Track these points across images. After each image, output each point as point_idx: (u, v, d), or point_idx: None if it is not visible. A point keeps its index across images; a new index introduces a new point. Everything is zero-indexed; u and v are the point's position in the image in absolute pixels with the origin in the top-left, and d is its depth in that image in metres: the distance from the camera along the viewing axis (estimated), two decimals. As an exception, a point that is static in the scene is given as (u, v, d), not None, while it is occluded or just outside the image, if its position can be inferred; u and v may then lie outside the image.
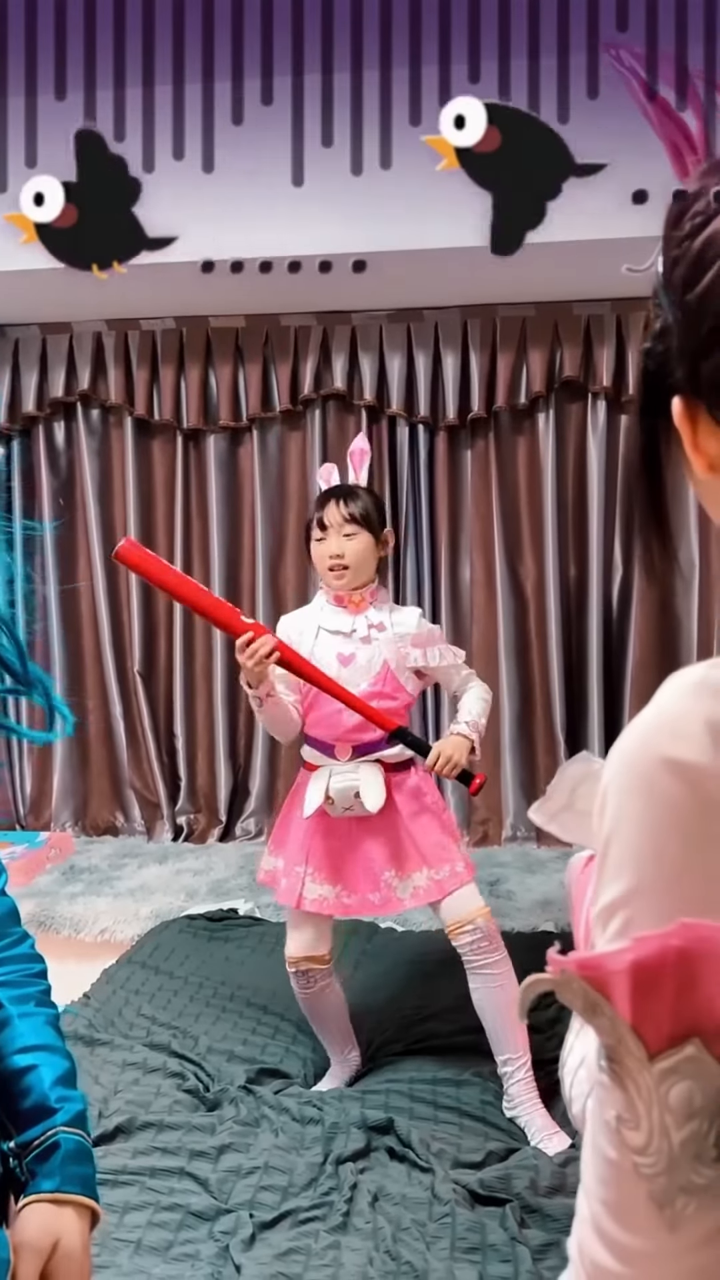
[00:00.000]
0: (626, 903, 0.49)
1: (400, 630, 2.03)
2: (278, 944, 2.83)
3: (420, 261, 3.17)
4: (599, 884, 0.51)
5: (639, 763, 0.50)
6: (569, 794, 0.67)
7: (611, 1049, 0.48)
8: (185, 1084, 2.11)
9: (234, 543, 4.04)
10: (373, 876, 2.01)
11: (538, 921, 2.95)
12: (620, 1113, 0.48)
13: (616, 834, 0.50)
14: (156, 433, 4.02)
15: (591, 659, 3.84)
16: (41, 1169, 0.86)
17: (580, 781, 0.68)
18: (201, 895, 3.30)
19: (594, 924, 0.52)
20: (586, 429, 3.82)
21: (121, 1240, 1.60)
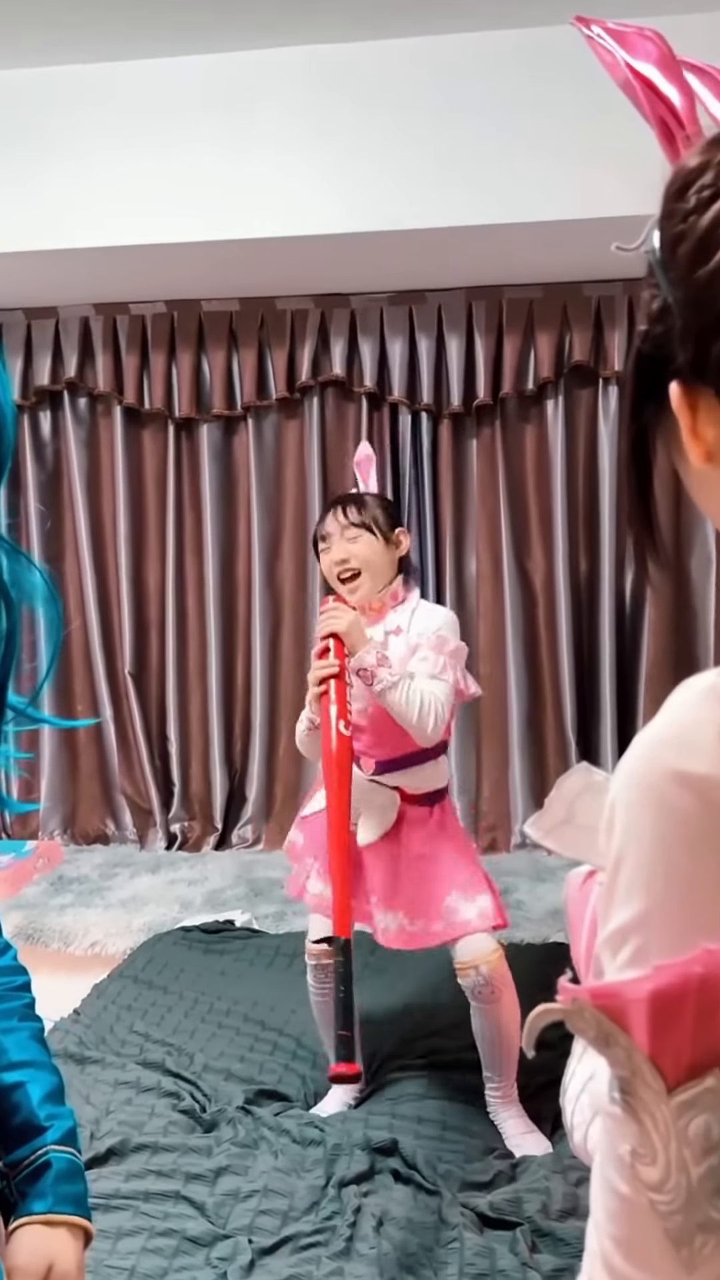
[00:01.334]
0: (640, 927, 0.49)
1: (418, 632, 1.96)
2: (276, 956, 2.85)
3: (423, 241, 3.17)
4: (608, 906, 0.51)
5: (648, 776, 0.49)
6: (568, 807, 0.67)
7: (626, 1081, 0.48)
8: (180, 1104, 2.11)
9: (229, 537, 4.04)
10: (364, 891, 2.01)
11: (549, 932, 2.95)
12: (635, 1147, 0.48)
13: (627, 853, 0.49)
14: (147, 422, 4.02)
15: (604, 656, 3.84)
16: (32, 1189, 0.87)
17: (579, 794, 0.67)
18: (196, 906, 3.29)
19: (601, 949, 0.51)
20: (597, 416, 3.82)
21: (115, 1268, 1.60)
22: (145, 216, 3.13)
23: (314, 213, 3.09)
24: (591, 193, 2.90)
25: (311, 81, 3.07)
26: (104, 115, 3.12)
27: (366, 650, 1.85)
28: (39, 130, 3.14)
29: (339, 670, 1.86)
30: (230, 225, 3.13)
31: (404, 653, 1.94)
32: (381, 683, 1.84)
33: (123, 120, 3.12)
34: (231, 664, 4.07)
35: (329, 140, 3.07)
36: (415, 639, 1.95)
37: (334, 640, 1.87)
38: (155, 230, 3.15)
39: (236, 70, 3.09)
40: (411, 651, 1.94)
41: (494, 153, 2.99)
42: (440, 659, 1.92)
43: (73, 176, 3.13)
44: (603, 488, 3.83)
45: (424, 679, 1.89)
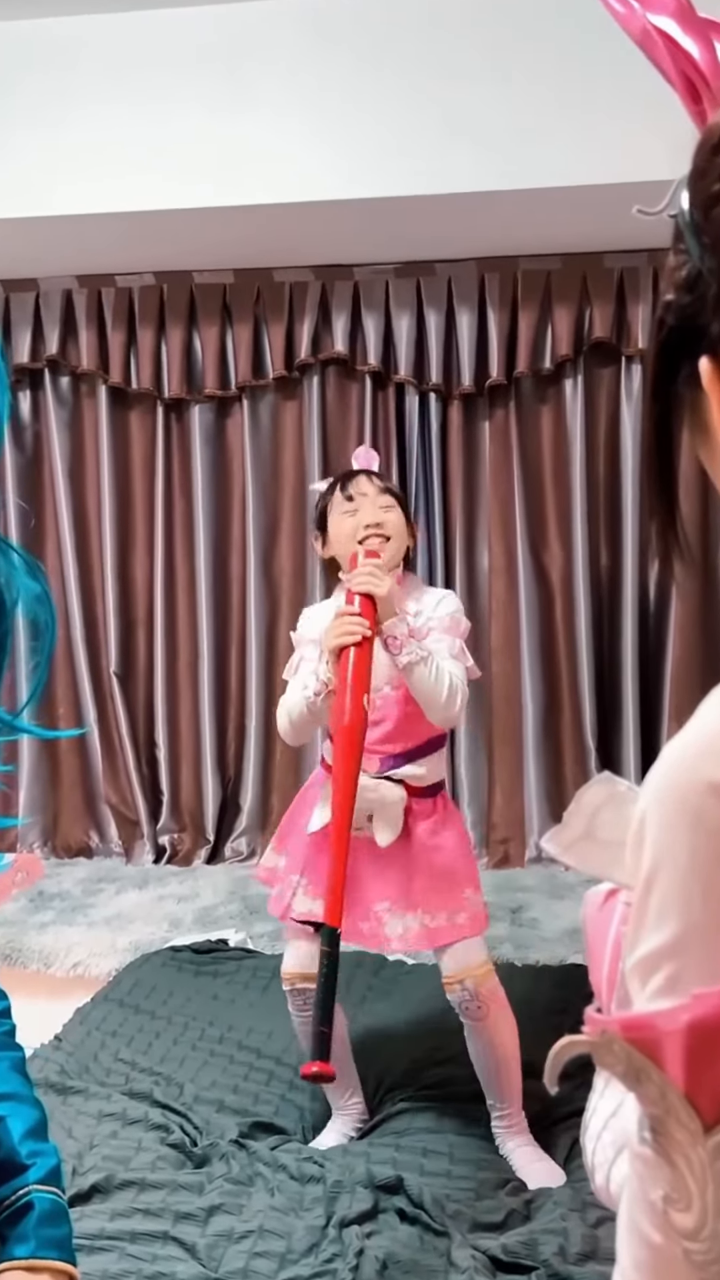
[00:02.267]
0: (674, 952, 0.48)
1: (427, 616, 1.97)
2: (273, 979, 2.83)
3: (431, 207, 3.16)
4: (638, 929, 0.50)
5: (681, 789, 0.49)
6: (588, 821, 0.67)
7: (658, 1120, 0.47)
8: (169, 1137, 2.11)
9: (222, 527, 4.04)
10: (366, 903, 2.01)
11: (565, 953, 2.95)
12: (668, 1192, 0.47)
13: (660, 872, 0.49)
14: (134, 403, 4.01)
15: (626, 657, 3.83)
16: (14, 1232, 0.87)
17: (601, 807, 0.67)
18: (187, 924, 3.28)
19: (629, 975, 0.51)
20: (620, 397, 3.82)
21: (99, 1313, 1.60)
22: (132, 181, 3.13)
23: (314, 177, 3.08)
24: (615, 154, 2.89)
25: (311, 35, 3.07)
26: (86, 72, 3.12)
27: (399, 619, 1.86)
28: (15, 88, 3.14)
29: (369, 637, 1.83)
30: (224, 191, 3.13)
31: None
32: (410, 654, 1.84)
33: (106, 77, 3.12)
34: (225, 664, 4.07)
35: (330, 99, 3.07)
36: (425, 622, 1.96)
37: (367, 601, 1.84)
38: (143, 196, 3.15)
39: (230, 23, 3.08)
40: (415, 635, 1.94)
41: (508, 112, 2.99)
42: (457, 642, 1.95)
43: (54, 138, 3.13)
44: (625, 475, 3.83)
45: (444, 659, 1.91)
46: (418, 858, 1.99)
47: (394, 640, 1.85)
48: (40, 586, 0.71)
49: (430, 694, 1.88)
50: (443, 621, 1.96)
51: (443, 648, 1.93)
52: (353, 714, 1.82)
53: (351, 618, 1.83)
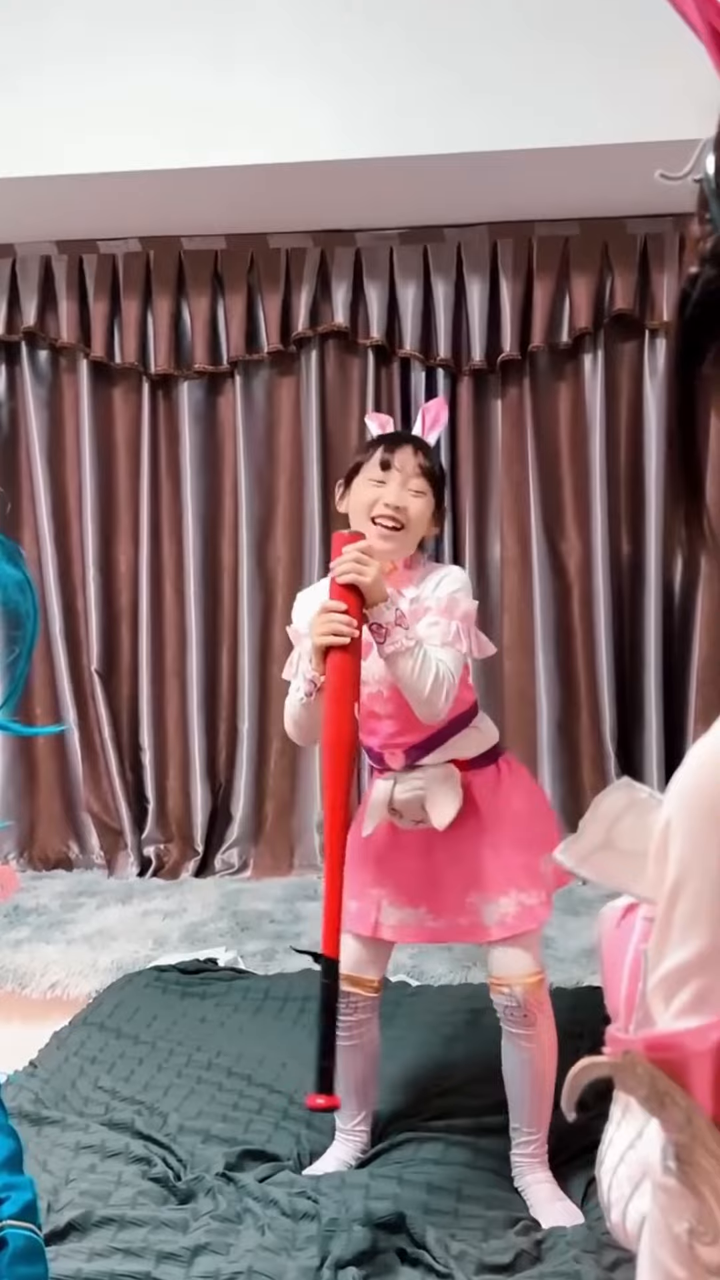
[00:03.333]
0: (701, 967, 0.48)
1: (424, 595, 1.95)
2: (265, 1001, 2.86)
3: (439, 168, 3.16)
4: (662, 944, 0.50)
5: (709, 795, 0.49)
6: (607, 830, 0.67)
7: (683, 1147, 0.47)
8: (152, 1171, 2.11)
9: (212, 513, 4.03)
10: (457, 897, 2.01)
11: (582, 974, 2.95)
12: (693, 1224, 0.47)
13: (686, 882, 0.49)
14: (118, 379, 4.01)
15: (649, 655, 3.83)
16: (-13, 1270, 0.87)
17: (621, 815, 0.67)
18: (173, 942, 3.29)
19: (652, 994, 0.51)
20: (643, 374, 3.81)
21: None
22: (116, 140, 3.12)
23: (313, 135, 3.08)
24: (639, 111, 2.89)
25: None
26: (64, 19, 3.12)
27: (386, 606, 1.84)
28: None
29: (357, 637, 1.81)
30: (215, 150, 3.12)
31: (409, 619, 1.95)
32: (395, 644, 1.82)
33: (87, 26, 3.11)
34: (215, 661, 4.07)
35: (331, 50, 3.06)
36: (423, 599, 1.96)
37: (348, 594, 1.82)
38: (128, 156, 3.15)
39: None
40: (414, 616, 1.94)
41: (523, 66, 2.98)
42: (452, 625, 1.92)
43: (30, 94, 3.12)
44: (649, 458, 3.82)
45: (435, 647, 1.89)
46: (494, 833, 1.99)
47: (379, 629, 1.84)
48: (21, 573, 0.71)
49: (413, 687, 1.85)
50: (440, 603, 1.94)
51: (435, 633, 1.91)
52: (338, 727, 1.80)
53: (336, 615, 1.81)
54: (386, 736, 1.99)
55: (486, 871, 1.99)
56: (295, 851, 3.98)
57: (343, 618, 1.80)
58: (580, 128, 2.98)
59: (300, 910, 3.52)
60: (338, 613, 1.80)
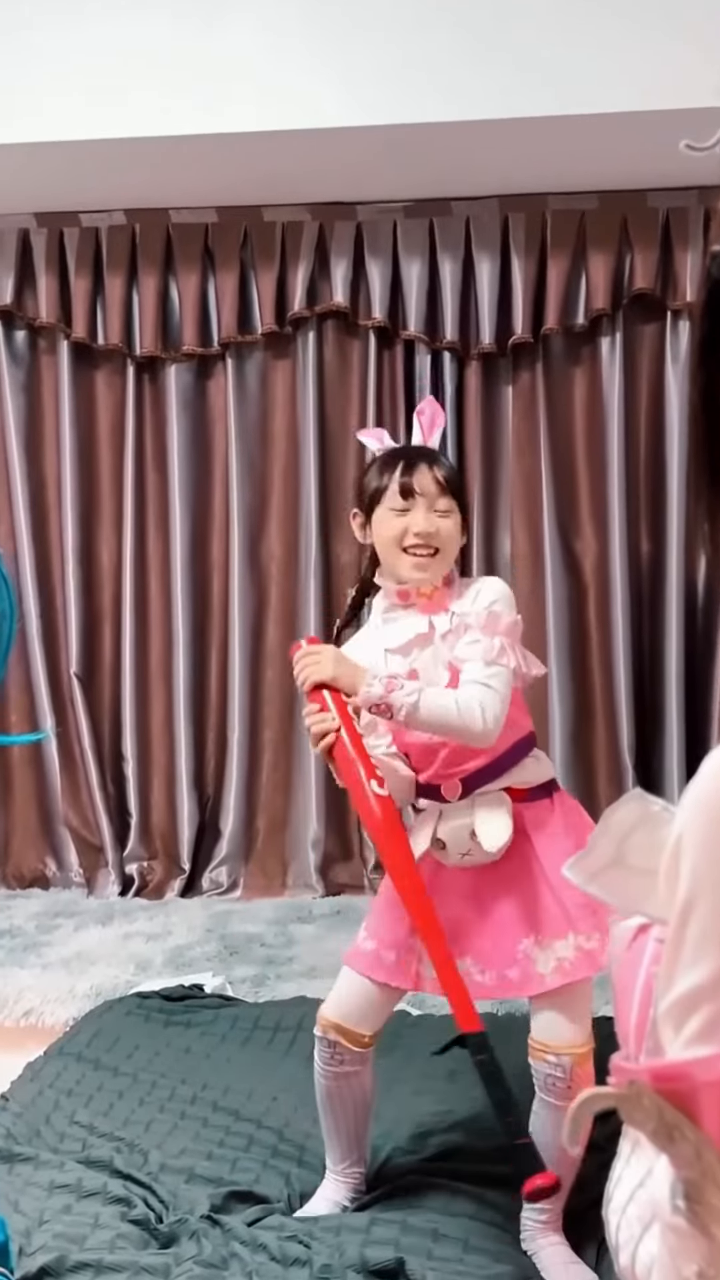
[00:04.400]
0: (714, 991, 0.48)
1: (462, 611, 1.97)
2: (255, 1030, 2.85)
3: (447, 136, 3.16)
4: (673, 967, 0.50)
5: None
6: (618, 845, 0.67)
7: (693, 1185, 0.47)
8: (131, 1212, 2.07)
9: (202, 505, 4.03)
10: (507, 946, 1.99)
11: (595, 1005, 2.94)
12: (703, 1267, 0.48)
13: (698, 900, 0.50)
14: (100, 361, 4.02)
15: (669, 659, 3.84)
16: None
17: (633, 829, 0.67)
18: (156, 967, 3.29)
19: (662, 1020, 0.51)
20: (664, 358, 3.82)
21: None
22: (100, 104, 3.12)
23: (312, 100, 3.08)
24: (661, 77, 2.89)
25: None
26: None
27: (368, 683, 1.87)
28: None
29: (343, 723, 1.87)
30: (206, 115, 3.12)
31: (450, 639, 1.97)
32: (403, 709, 1.85)
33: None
34: (203, 665, 4.07)
35: (331, 9, 3.06)
36: (462, 617, 1.96)
37: (328, 691, 1.89)
38: (112, 121, 3.14)
39: None
40: (457, 636, 1.96)
41: (538, 27, 2.99)
42: (495, 641, 1.93)
43: (5, 53, 3.12)
44: (670, 449, 3.82)
45: (475, 665, 1.91)
46: (552, 872, 1.97)
47: (380, 708, 1.87)
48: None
49: (440, 727, 1.88)
50: (479, 618, 1.95)
51: (476, 651, 1.92)
52: (380, 807, 1.87)
53: (313, 717, 1.89)
54: (443, 766, 1.99)
55: (542, 911, 1.97)
56: (288, 870, 3.99)
57: (318, 719, 1.88)
58: (598, 94, 2.98)
59: (293, 933, 3.52)
60: (314, 718, 1.89)
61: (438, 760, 1.99)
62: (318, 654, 1.91)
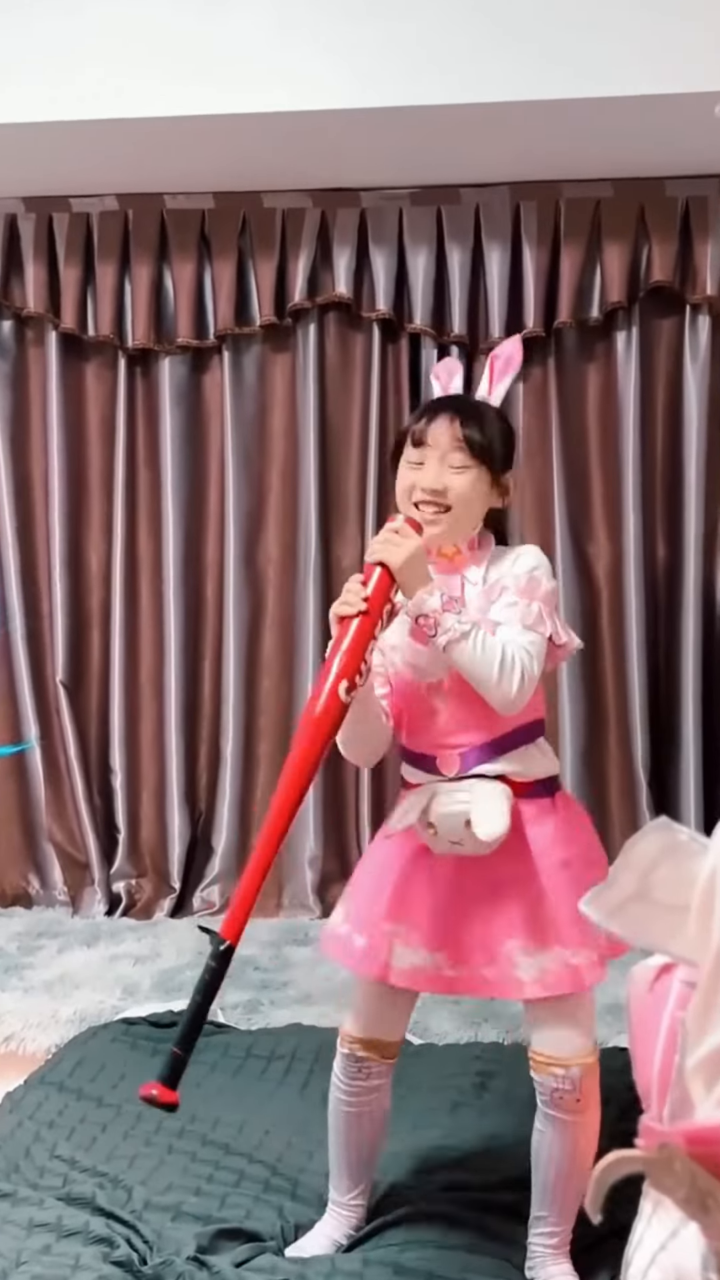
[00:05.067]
0: None
1: (498, 574, 1.94)
2: (247, 1059, 2.83)
3: (456, 120, 3.15)
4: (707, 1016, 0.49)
5: None
6: (641, 878, 0.65)
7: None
8: (114, 1253, 2.04)
9: (196, 505, 4.03)
10: (491, 944, 1.95)
11: (605, 1034, 2.88)
12: None
13: None
14: (91, 353, 4.02)
15: (686, 671, 3.83)
16: None
17: (657, 861, 0.65)
18: (144, 991, 3.28)
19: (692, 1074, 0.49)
20: (683, 354, 3.82)
21: None
22: (92, 82, 3.12)
23: (315, 81, 3.08)
24: (680, 59, 2.89)
25: None
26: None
27: (428, 591, 1.82)
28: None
29: (369, 610, 1.81)
30: (204, 96, 3.12)
31: (480, 602, 1.93)
32: (448, 633, 1.80)
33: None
34: (196, 673, 4.06)
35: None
36: (496, 581, 1.93)
37: (380, 571, 1.82)
38: (104, 101, 3.14)
39: None
40: (488, 598, 1.92)
41: (553, 7, 2.98)
42: (534, 606, 1.90)
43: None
44: (688, 448, 3.82)
45: (513, 629, 1.87)
46: (545, 876, 1.94)
47: (424, 620, 1.81)
48: None
49: (478, 674, 1.83)
50: (517, 581, 1.92)
51: (514, 614, 1.89)
52: (326, 704, 1.79)
53: (351, 587, 1.82)
54: (442, 734, 1.94)
55: (531, 917, 1.93)
56: (284, 890, 3.97)
57: (356, 587, 1.82)
58: (614, 76, 2.97)
59: (289, 956, 3.51)
60: (354, 587, 1.82)
61: (434, 728, 1.94)
62: (403, 539, 1.84)
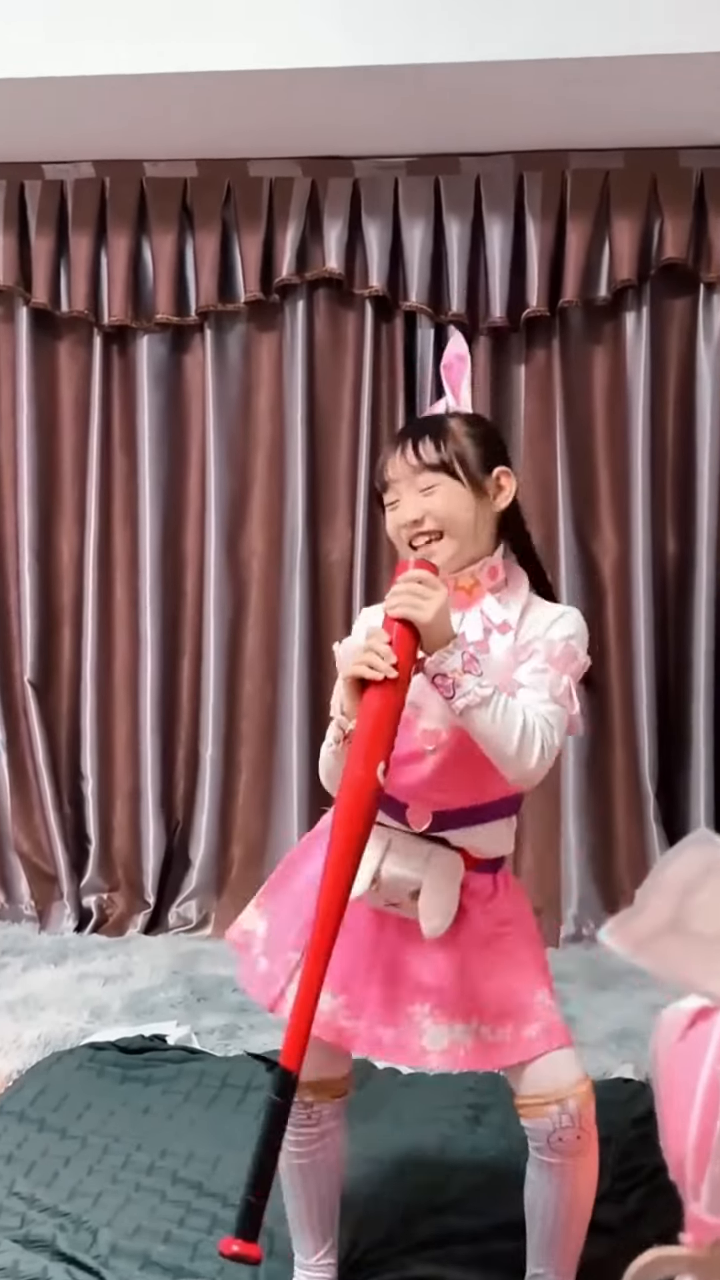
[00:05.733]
0: None
1: (534, 635, 1.88)
2: (223, 1089, 2.80)
3: (456, 82, 3.12)
4: None
5: None
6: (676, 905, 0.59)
7: None
8: None
9: (175, 494, 4.02)
10: (398, 1002, 1.92)
11: (611, 1063, 2.89)
12: None
13: None
14: (64, 330, 4.02)
15: (697, 673, 3.82)
16: None
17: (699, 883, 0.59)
18: (114, 1014, 3.28)
19: None
20: (696, 336, 3.82)
21: None
22: (65, 37, 3.12)
23: (305, 36, 3.07)
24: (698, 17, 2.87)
25: None
26: None
27: (449, 650, 1.75)
28: None
29: (400, 677, 1.74)
30: (185, 54, 3.11)
31: (505, 659, 1.87)
32: (467, 696, 1.74)
33: None
34: (174, 673, 4.06)
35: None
36: (529, 642, 1.88)
37: (401, 629, 1.75)
38: (78, 58, 3.14)
39: None
40: (516, 658, 1.87)
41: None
42: (564, 680, 1.84)
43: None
44: (701, 437, 3.82)
45: (537, 695, 1.82)
46: (474, 949, 1.92)
47: (443, 680, 1.75)
48: None
49: (496, 743, 1.77)
50: (552, 649, 1.86)
51: (541, 681, 1.83)
52: (357, 786, 1.74)
53: (378, 644, 1.74)
54: (423, 785, 1.89)
55: (448, 989, 1.91)
56: None
57: (384, 649, 1.74)
58: (628, 34, 2.96)
59: None
60: (382, 645, 1.74)
61: (415, 774, 1.88)
62: (430, 591, 1.76)
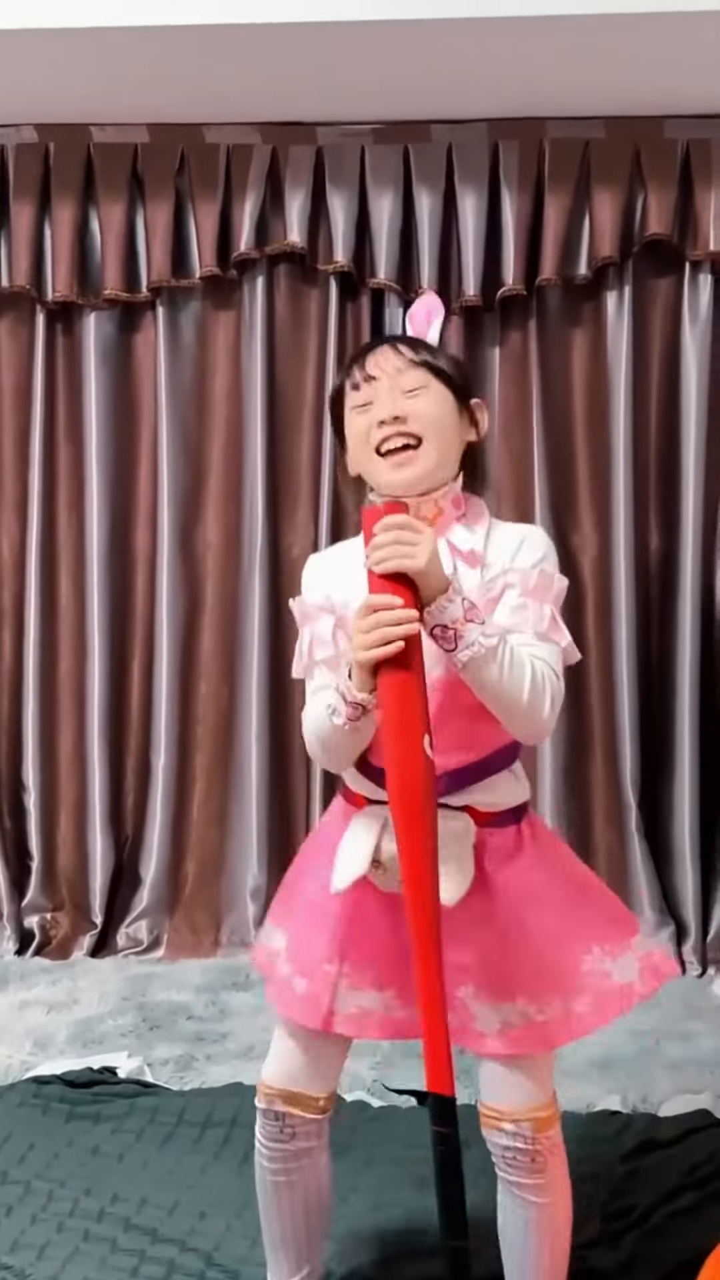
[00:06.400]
0: None
1: (502, 565, 1.80)
2: (179, 1126, 2.79)
3: (426, 39, 3.10)
4: None
5: None
6: None
7: None
8: None
9: (124, 483, 4.01)
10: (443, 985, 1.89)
11: (594, 1094, 2.88)
12: None
13: None
14: (4, 307, 4.00)
15: (681, 676, 3.83)
16: None
17: None
18: (59, 1044, 3.25)
19: None
20: (681, 316, 3.83)
21: None
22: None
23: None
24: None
25: None
26: None
27: (449, 598, 1.67)
28: None
29: (413, 640, 1.66)
30: (136, 6, 3.09)
31: (477, 594, 1.79)
32: (471, 648, 1.67)
33: None
34: (123, 676, 4.05)
35: None
36: (498, 574, 1.80)
37: (393, 586, 1.66)
38: (18, 10, 3.11)
39: None
40: (486, 593, 1.80)
41: None
42: (546, 609, 1.78)
43: None
44: (686, 424, 3.83)
45: (527, 640, 1.75)
46: (508, 918, 1.86)
47: (443, 631, 1.67)
48: None
49: (506, 698, 1.71)
50: (526, 579, 1.79)
51: (524, 620, 1.76)
52: (409, 774, 1.67)
53: (388, 613, 1.64)
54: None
55: (490, 962, 1.85)
56: (222, 925, 3.95)
57: (396, 614, 1.64)
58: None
59: (228, 1003, 3.46)
60: (387, 611, 1.65)
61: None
62: (416, 536, 1.66)
